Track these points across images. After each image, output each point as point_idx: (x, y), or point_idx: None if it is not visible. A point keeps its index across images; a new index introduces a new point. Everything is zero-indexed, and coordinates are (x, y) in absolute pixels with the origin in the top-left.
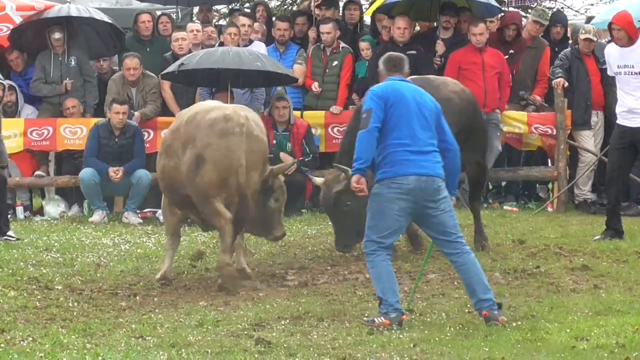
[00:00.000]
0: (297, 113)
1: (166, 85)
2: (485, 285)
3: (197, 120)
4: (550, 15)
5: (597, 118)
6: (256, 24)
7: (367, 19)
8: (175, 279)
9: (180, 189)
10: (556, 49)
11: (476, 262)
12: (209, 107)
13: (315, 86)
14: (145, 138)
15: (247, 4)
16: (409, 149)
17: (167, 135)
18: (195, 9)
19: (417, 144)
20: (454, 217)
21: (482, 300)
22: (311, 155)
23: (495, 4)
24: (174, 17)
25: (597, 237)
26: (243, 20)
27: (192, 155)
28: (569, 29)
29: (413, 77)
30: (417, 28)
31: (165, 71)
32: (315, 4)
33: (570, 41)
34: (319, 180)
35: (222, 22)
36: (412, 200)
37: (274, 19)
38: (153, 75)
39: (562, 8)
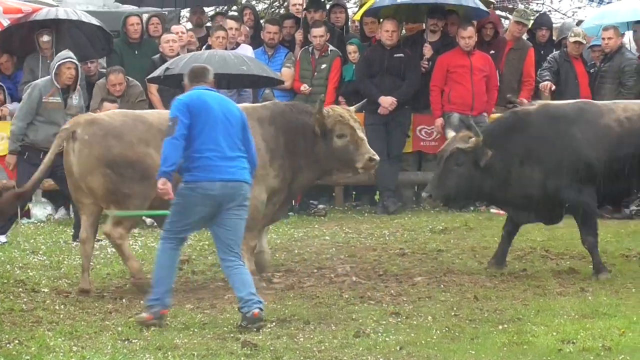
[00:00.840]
0: None
1: (153, 88)
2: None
3: None
4: (532, 16)
5: None
6: (242, 27)
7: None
8: None
9: None
10: (542, 52)
11: (245, 270)
12: None
13: (304, 87)
14: None
15: (234, 7)
16: (215, 155)
17: None
18: (185, 12)
19: (222, 150)
20: (243, 227)
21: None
22: None
23: (483, 7)
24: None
25: None
26: (231, 23)
27: None
28: (554, 32)
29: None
30: (403, 32)
31: (151, 75)
32: (299, 6)
33: (555, 42)
34: (451, 133)
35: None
36: (215, 205)
37: (262, 22)
38: (137, 83)
39: (549, 11)
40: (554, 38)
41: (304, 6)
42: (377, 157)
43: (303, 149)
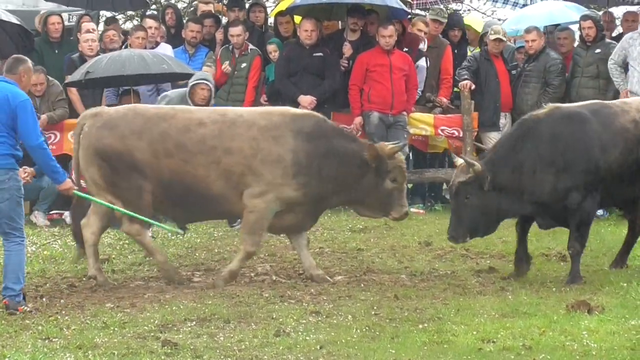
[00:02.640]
0: None
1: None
2: (15, 276)
3: None
4: (447, 14)
5: (505, 120)
6: (159, 27)
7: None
8: (82, 281)
9: None
10: (455, 51)
11: (19, 254)
12: None
13: (225, 65)
14: (52, 140)
15: (153, 6)
16: None
17: None
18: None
19: None
20: (13, 207)
21: (6, 287)
22: None
23: (402, 6)
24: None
25: None
26: (150, 22)
27: None
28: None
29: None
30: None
31: (71, 79)
32: (219, 5)
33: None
34: (459, 161)
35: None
36: None
37: (184, 20)
38: (57, 83)
39: (469, 10)
40: (467, 37)
41: (219, 4)
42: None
43: (338, 174)
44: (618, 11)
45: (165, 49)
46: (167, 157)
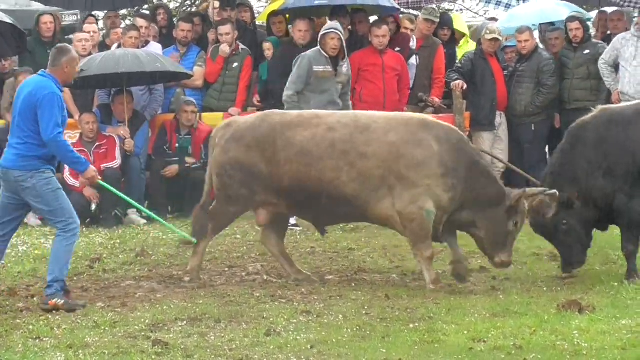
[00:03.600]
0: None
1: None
2: (56, 270)
3: None
4: (439, 14)
5: (500, 119)
6: (152, 26)
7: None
8: (72, 280)
9: None
10: (444, 51)
11: (61, 247)
12: None
13: (222, 48)
14: None
15: (145, 6)
16: (8, 143)
17: None
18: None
19: (10, 137)
20: (45, 203)
21: (48, 282)
22: (203, 161)
23: (393, 4)
24: (74, 19)
25: None
26: (140, 22)
27: None
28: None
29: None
30: None
31: None
32: (213, 6)
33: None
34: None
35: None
36: (8, 190)
37: (175, 20)
38: None
39: (461, 10)
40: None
41: (216, 4)
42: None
43: (479, 191)
44: (609, 11)
45: (156, 48)
46: (287, 164)
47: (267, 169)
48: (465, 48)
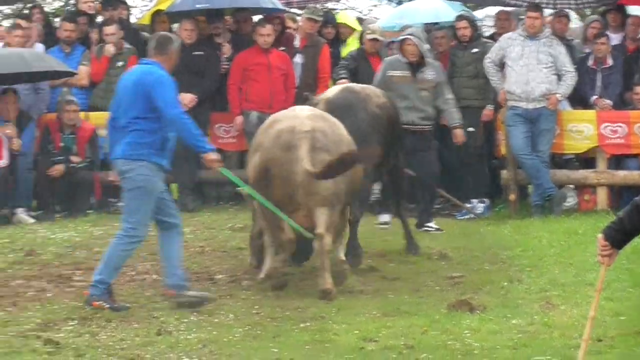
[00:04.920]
0: (82, 114)
1: None
2: (109, 269)
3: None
4: (322, 13)
5: None
6: (33, 26)
7: None
8: None
9: None
10: (329, 50)
11: (118, 248)
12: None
13: (107, 48)
14: None
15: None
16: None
17: None
18: None
19: (115, 128)
20: (129, 199)
21: (95, 280)
22: (88, 160)
23: (277, 5)
24: None
25: None
26: (23, 22)
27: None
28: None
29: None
30: None
31: None
32: (90, 4)
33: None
34: None
35: (6, 23)
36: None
37: (57, 20)
38: None
39: (346, 9)
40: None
41: (96, 3)
42: None
43: None
44: (493, 11)
45: (39, 48)
46: None
47: None
48: (355, 44)
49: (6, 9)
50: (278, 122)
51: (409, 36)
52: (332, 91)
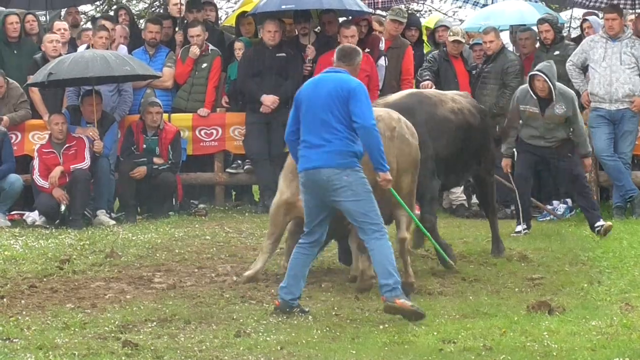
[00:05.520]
0: (165, 116)
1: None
2: (387, 272)
3: None
4: (407, 14)
5: None
6: (119, 28)
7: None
8: (42, 281)
9: None
10: (413, 52)
11: (383, 250)
12: None
13: (192, 50)
14: (14, 141)
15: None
16: (306, 143)
17: None
18: (63, 12)
19: (311, 137)
20: (360, 203)
21: (381, 285)
22: (171, 162)
23: (362, 7)
24: (43, 20)
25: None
26: (107, 24)
27: None
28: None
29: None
30: None
31: (33, 80)
32: (180, 6)
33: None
34: None
35: (89, 24)
36: (310, 193)
37: (141, 22)
38: (17, 85)
39: (430, 11)
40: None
41: (184, 6)
42: None
43: None
44: (578, 13)
45: (122, 50)
46: None
47: None
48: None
49: (90, 11)
50: None
51: (538, 73)
52: (398, 95)
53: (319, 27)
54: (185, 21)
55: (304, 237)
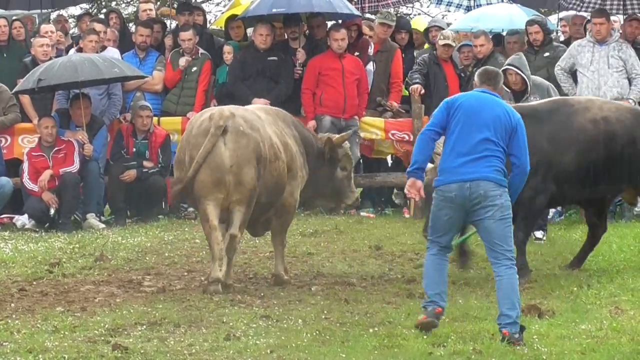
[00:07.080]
0: (155, 119)
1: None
2: (511, 303)
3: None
4: (395, 18)
5: None
6: (109, 31)
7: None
8: (32, 285)
9: None
10: (403, 55)
11: (511, 280)
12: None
13: (182, 60)
14: (3, 144)
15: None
16: (457, 156)
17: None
18: (53, 15)
19: (466, 150)
20: (503, 227)
21: (502, 315)
22: (160, 165)
23: (352, 10)
24: (35, 22)
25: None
26: (97, 27)
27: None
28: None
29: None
30: None
31: (23, 87)
32: (149, 11)
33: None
34: (430, 166)
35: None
36: (455, 208)
37: (132, 25)
38: (6, 88)
39: (419, 14)
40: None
41: (152, 11)
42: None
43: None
44: (567, 16)
45: (113, 53)
46: None
47: None
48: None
49: (76, 10)
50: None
51: (509, 67)
52: (543, 100)
53: (307, 30)
54: (176, 24)
55: (431, 247)
